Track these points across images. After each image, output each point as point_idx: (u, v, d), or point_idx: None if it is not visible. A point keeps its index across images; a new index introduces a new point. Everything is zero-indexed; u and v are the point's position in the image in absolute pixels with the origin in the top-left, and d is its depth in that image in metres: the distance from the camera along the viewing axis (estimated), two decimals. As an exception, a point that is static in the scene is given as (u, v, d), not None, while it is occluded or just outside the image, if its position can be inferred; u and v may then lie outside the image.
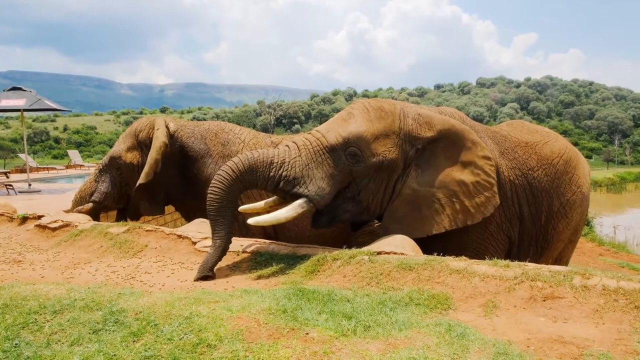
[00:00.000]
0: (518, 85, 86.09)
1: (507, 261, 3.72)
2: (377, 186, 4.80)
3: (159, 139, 6.17)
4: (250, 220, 4.53)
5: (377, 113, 4.82)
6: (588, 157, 59.86)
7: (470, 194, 4.81)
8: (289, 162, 4.58)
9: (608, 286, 3.21)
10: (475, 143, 4.91)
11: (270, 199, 4.81)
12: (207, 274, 4.25)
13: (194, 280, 4.20)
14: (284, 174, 4.54)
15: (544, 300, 3.22)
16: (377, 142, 4.70)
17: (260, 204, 4.80)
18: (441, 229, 4.80)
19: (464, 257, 3.90)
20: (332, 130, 4.76)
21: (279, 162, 4.57)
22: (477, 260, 3.87)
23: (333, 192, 4.66)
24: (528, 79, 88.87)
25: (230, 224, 4.44)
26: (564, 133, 67.83)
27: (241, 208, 4.78)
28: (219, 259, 4.39)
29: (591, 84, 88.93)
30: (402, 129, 4.81)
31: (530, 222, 5.40)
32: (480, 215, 4.83)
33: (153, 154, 6.09)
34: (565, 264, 5.98)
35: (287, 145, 4.74)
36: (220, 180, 4.42)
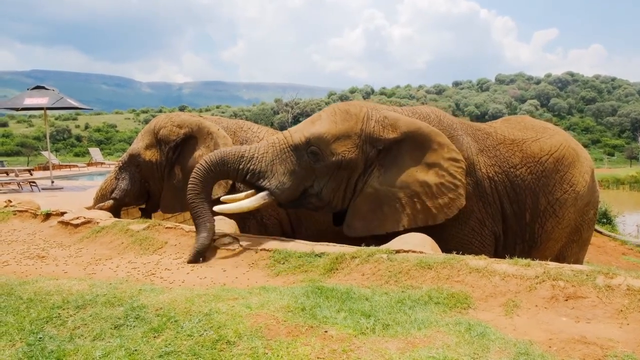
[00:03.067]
0: (538, 82, 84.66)
1: (528, 260, 3.68)
2: (337, 184, 5.05)
3: None
4: (216, 208, 5.01)
5: (342, 116, 5.08)
6: (610, 154, 58.77)
7: (433, 195, 4.96)
8: (257, 157, 5.02)
9: (632, 286, 3.15)
10: (441, 145, 5.03)
11: (250, 191, 5.19)
12: (202, 257, 4.72)
13: (188, 263, 4.66)
14: (251, 167, 4.99)
15: (566, 300, 3.18)
16: (337, 142, 4.96)
17: (241, 195, 5.20)
18: (400, 227, 4.95)
19: (483, 256, 3.87)
20: (299, 131, 5.13)
21: (248, 157, 5.02)
22: (497, 259, 3.84)
23: (294, 187, 5.00)
24: (548, 75, 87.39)
25: (209, 208, 4.94)
26: (586, 130, 66.66)
27: (223, 198, 5.28)
28: (211, 240, 4.87)
29: (613, 79, 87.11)
30: (364, 130, 5.02)
31: (514, 220, 5.40)
32: (443, 215, 4.98)
33: None
34: (575, 263, 5.87)
35: (260, 143, 5.21)
36: (197, 172, 4.94)
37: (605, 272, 3.35)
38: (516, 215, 5.39)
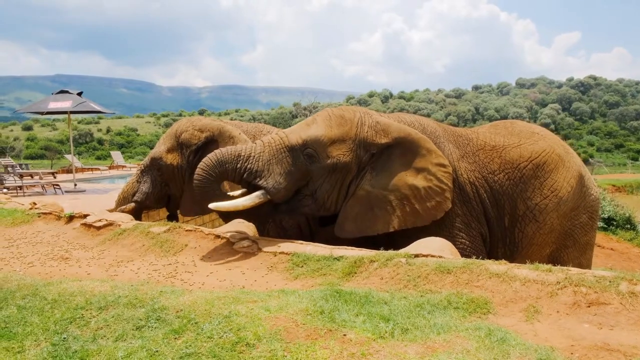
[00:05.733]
0: (560, 86, 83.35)
1: (549, 265, 3.64)
2: (331, 186, 5.20)
3: None
4: (211, 205, 5.07)
5: (338, 120, 5.26)
6: (634, 159, 57.54)
7: (421, 198, 5.11)
8: (254, 156, 5.14)
9: (657, 293, 3.09)
10: (430, 151, 5.20)
11: (244, 189, 5.32)
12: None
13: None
14: (248, 166, 5.11)
15: (589, 306, 3.14)
16: (332, 146, 5.13)
17: (235, 193, 5.34)
18: (390, 229, 5.12)
19: (503, 261, 3.85)
20: (295, 133, 5.28)
21: (245, 156, 5.13)
22: (517, 264, 3.81)
23: (290, 187, 5.14)
24: (570, 79, 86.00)
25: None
26: (609, 134, 65.42)
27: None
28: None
29: (637, 83, 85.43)
30: (358, 135, 5.20)
31: (495, 224, 5.51)
32: (431, 217, 5.14)
33: None
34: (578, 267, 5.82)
35: (255, 143, 5.32)
36: (197, 179, 5.08)
37: (628, 278, 3.29)
38: (497, 219, 5.51)
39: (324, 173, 5.15)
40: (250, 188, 5.19)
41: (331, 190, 5.20)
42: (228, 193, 5.37)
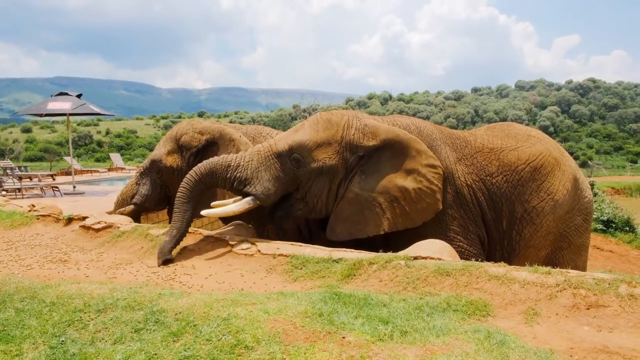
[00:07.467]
0: (559, 88, 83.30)
1: (549, 268, 3.64)
2: (320, 189, 5.27)
3: None
4: (203, 212, 5.22)
5: (324, 124, 5.32)
6: (633, 161, 57.58)
7: (411, 200, 5.13)
8: (243, 165, 5.26)
9: (656, 296, 3.09)
10: (420, 152, 5.21)
11: (238, 197, 5.40)
12: (167, 258, 4.90)
13: (158, 266, 4.83)
14: (237, 175, 5.23)
15: (588, 309, 3.13)
16: (318, 149, 5.21)
17: (230, 201, 5.43)
18: (381, 231, 5.16)
19: (502, 263, 3.85)
20: (283, 139, 5.38)
21: (235, 165, 5.26)
22: (516, 266, 3.81)
23: (279, 192, 5.26)
24: (569, 82, 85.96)
25: (189, 218, 5.19)
26: (608, 137, 65.46)
27: (212, 204, 5.41)
28: (175, 245, 5.06)
29: (637, 86, 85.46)
30: (344, 138, 5.26)
31: (493, 226, 5.53)
32: (421, 219, 5.16)
33: None
34: (574, 269, 5.84)
35: (245, 151, 5.48)
36: (186, 182, 5.20)
37: (628, 280, 3.29)
38: (495, 222, 5.52)
39: (311, 176, 5.22)
40: (243, 195, 5.28)
41: (320, 193, 5.26)
42: (215, 202, 5.48)
